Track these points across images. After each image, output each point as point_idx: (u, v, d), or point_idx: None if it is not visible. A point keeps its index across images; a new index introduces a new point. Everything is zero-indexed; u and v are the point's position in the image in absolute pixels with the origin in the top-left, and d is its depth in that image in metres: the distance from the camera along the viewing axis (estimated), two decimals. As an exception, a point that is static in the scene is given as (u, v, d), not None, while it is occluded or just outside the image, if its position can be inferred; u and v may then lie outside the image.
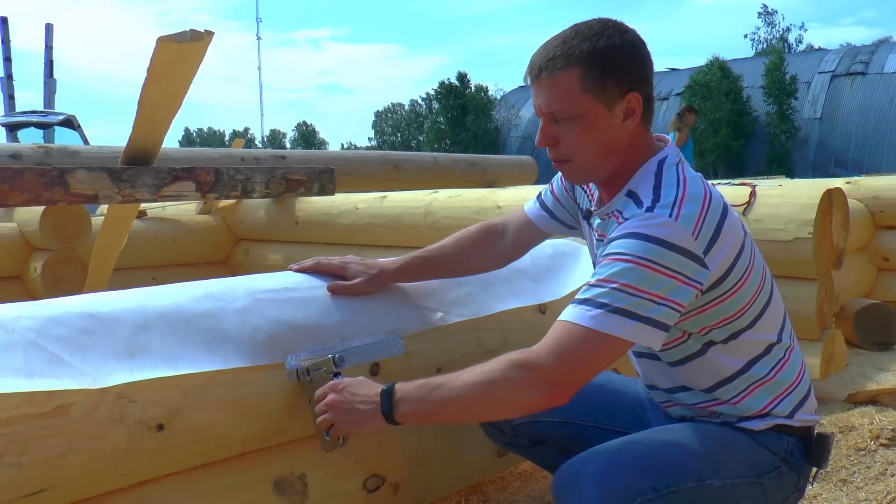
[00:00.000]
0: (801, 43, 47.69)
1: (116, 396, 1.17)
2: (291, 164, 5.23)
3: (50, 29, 14.92)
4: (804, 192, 2.57)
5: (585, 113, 1.27)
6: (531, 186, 5.79)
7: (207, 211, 4.96)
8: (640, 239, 1.18)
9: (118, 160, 3.31)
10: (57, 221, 3.79)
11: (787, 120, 33.92)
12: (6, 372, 1.11)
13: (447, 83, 45.00)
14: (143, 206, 4.26)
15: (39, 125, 10.90)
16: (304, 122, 78.87)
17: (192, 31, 2.37)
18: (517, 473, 2.12)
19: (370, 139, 69.88)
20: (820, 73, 34.53)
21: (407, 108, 66.01)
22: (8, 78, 14.63)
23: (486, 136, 42.31)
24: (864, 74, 33.19)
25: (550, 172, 1.54)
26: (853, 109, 32.45)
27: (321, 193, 4.09)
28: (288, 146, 71.16)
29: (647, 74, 1.31)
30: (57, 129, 10.85)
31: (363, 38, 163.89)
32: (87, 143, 9.59)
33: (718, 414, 1.37)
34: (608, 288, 1.17)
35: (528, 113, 39.34)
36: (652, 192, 1.25)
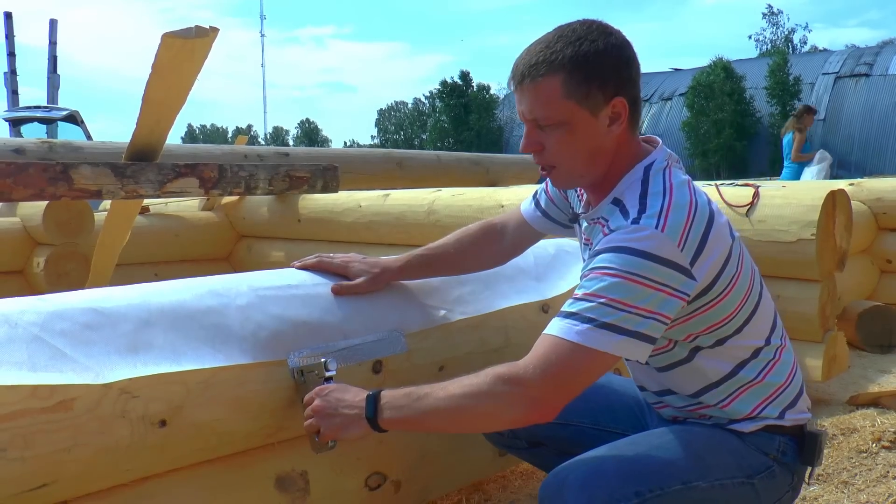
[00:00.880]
0: (805, 44, 47.69)
1: (119, 392, 1.17)
2: (295, 161, 5.24)
3: (54, 24, 14.95)
4: (808, 193, 2.57)
5: (569, 119, 1.26)
6: (534, 185, 5.77)
7: (210, 207, 4.96)
8: (626, 253, 1.17)
9: (122, 156, 3.32)
10: (60, 216, 3.79)
11: (790, 121, 33.87)
12: (10, 366, 1.11)
13: (449, 82, 45.01)
14: (145, 202, 4.26)
15: (43, 120, 10.94)
16: (307, 119, 78.84)
17: (197, 27, 2.37)
18: (518, 472, 2.12)
19: (373, 137, 69.96)
20: (824, 74, 34.47)
21: (410, 106, 66.06)
22: (12, 73, 14.64)
23: (489, 134, 42.32)
24: (868, 76, 33.12)
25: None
26: (857, 111, 32.38)
27: (325, 191, 4.09)
28: (291, 143, 71.21)
29: (632, 77, 1.28)
30: (60, 124, 10.89)
31: (367, 35, 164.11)
32: (90, 138, 9.61)
33: (708, 416, 1.36)
34: (595, 303, 1.16)
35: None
36: (638, 201, 1.24)
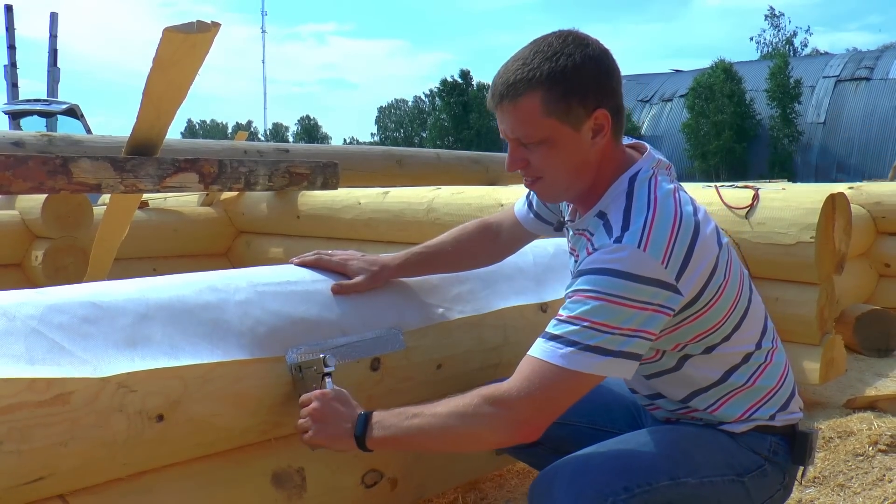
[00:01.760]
0: (806, 47, 47.81)
1: (117, 386, 1.17)
2: (295, 157, 5.23)
3: (54, 18, 14.92)
4: (807, 196, 2.57)
5: (551, 136, 1.25)
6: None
7: (209, 203, 4.96)
8: (608, 275, 1.17)
9: (121, 150, 3.30)
10: (59, 210, 3.79)
11: (790, 124, 33.92)
12: (7, 359, 1.10)
13: (450, 80, 44.99)
14: (144, 196, 4.26)
15: (43, 114, 10.91)
16: (307, 116, 78.92)
17: (198, 22, 2.36)
18: (514, 471, 2.12)
19: (373, 135, 70.01)
20: (824, 77, 34.52)
21: (410, 104, 66.06)
22: (12, 66, 14.61)
23: (488, 133, 42.32)
24: (868, 80, 33.17)
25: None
26: (857, 115, 32.43)
27: (324, 188, 4.08)
28: (290, 140, 71.10)
29: (613, 87, 1.27)
30: (60, 118, 10.85)
31: (368, 33, 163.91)
32: (89, 132, 9.60)
33: (699, 419, 1.37)
34: (579, 326, 1.17)
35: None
36: (622, 216, 1.23)
